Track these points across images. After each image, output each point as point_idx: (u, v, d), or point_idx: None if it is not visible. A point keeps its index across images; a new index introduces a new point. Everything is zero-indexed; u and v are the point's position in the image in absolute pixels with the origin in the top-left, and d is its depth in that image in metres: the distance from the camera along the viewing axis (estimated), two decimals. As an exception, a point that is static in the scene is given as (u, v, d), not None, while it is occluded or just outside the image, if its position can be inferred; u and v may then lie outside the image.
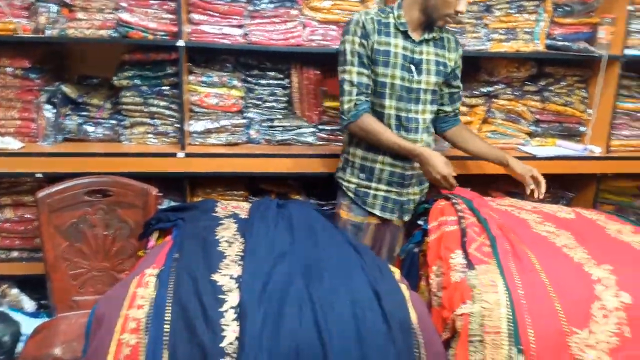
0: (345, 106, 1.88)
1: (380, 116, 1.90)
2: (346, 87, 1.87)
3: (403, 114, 1.90)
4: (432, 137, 2.04)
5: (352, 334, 1.24)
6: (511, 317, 1.32)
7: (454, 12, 1.79)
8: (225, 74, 2.38)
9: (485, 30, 2.45)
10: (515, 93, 2.57)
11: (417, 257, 1.80)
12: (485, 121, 2.61)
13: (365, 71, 1.86)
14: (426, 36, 1.89)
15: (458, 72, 2.02)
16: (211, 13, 2.27)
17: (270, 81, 2.45)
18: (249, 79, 2.44)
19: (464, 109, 2.56)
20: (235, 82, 2.37)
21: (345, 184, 2.02)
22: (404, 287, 1.42)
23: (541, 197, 1.89)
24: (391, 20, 1.87)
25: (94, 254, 2.01)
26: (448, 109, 2.06)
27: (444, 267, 1.56)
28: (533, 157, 2.49)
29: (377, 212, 1.99)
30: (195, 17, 2.26)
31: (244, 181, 2.52)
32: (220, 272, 1.36)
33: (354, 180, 2.00)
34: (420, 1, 1.82)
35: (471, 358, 1.32)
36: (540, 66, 2.59)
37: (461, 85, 2.06)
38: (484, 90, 2.56)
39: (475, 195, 1.95)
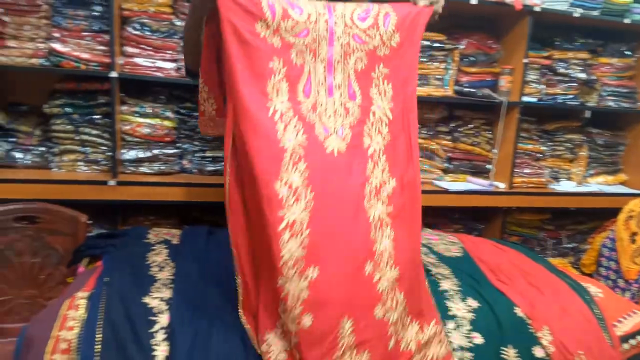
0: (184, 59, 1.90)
1: None
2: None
3: None
4: None
5: None
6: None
7: None
8: (158, 105, 2.45)
9: (403, 75, 2.69)
10: (429, 133, 2.83)
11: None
12: (404, 157, 2.83)
13: None
14: None
15: None
16: (144, 47, 2.35)
17: (203, 114, 2.55)
18: (182, 111, 2.53)
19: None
20: (169, 114, 2.45)
21: None
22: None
23: None
24: None
25: (21, 281, 1.99)
26: None
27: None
28: (446, 191, 2.72)
29: None
30: (129, 49, 2.33)
31: (176, 210, 2.57)
32: (151, 295, 1.43)
33: None
34: None
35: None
36: (451, 109, 2.87)
37: None
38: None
39: None
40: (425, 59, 2.69)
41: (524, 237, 3.14)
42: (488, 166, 2.91)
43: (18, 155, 2.34)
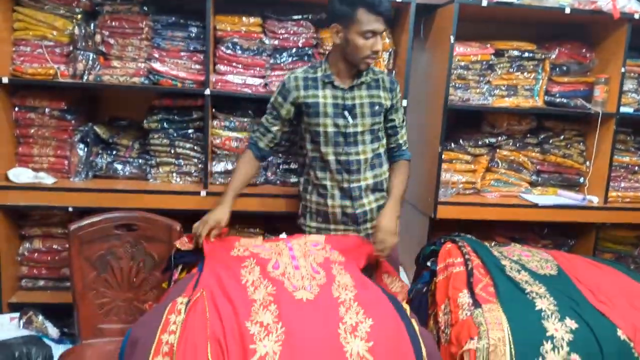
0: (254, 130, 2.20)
1: (322, 161, 2.05)
2: (262, 119, 2.15)
3: (343, 158, 2.03)
4: (381, 172, 2.11)
5: None
6: (514, 352, 1.42)
7: (371, 52, 1.92)
8: (246, 119, 2.55)
9: (488, 86, 2.63)
10: (517, 144, 2.74)
11: (425, 298, 1.90)
12: (489, 170, 2.77)
13: (270, 119, 2.11)
14: (355, 82, 2.01)
15: (394, 110, 2.11)
16: (235, 65, 2.46)
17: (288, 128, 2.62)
18: (268, 125, 2.61)
19: (467, 158, 2.72)
20: (255, 128, 2.54)
21: (307, 229, 2.17)
22: (414, 322, 1.53)
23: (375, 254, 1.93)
24: (319, 74, 2.03)
25: (119, 285, 2.12)
26: (388, 140, 2.15)
27: (451, 305, 1.68)
28: (535, 206, 2.62)
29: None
30: (221, 68, 2.45)
31: (260, 219, 2.65)
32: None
33: (314, 224, 2.15)
34: (339, 53, 1.98)
35: (477, 390, 1.42)
36: (540, 120, 2.76)
37: (400, 118, 2.14)
38: (487, 141, 2.72)
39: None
40: (513, 69, 2.62)
41: (618, 254, 2.96)
42: (581, 179, 2.77)
43: (119, 166, 2.52)
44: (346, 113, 2.01)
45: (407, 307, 1.64)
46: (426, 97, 2.72)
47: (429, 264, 1.98)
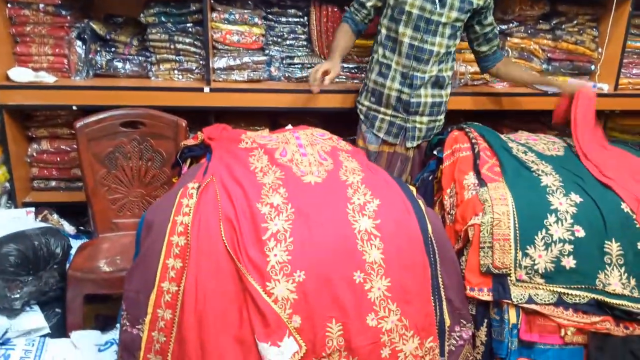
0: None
1: (395, 42, 2.02)
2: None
3: (417, 43, 1.99)
4: (447, 71, 2.11)
5: None
6: (518, 225, 1.46)
7: None
8: (246, 11, 2.45)
9: (501, -32, 2.49)
10: (528, 31, 2.64)
11: (431, 185, 1.93)
12: (498, 59, 2.69)
13: None
14: None
15: (489, 12, 2.07)
16: (234, -50, 2.33)
17: (290, 19, 2.53)
18: (270, 16, 2.52)
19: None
20: (256, 20, 2.45)
21: (360, 106, 2.20)
22: (420, 202, 1.56)
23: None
24: None
25: (130, 181, 2.16)
26: (484, 48, 2.16)
27: (457, 187, 1.70)
28: (545, 94, 2.57)
29: (382, 135, 2.14)
30: (219, -47, 2.32)
31: (265, 116, 2.64)
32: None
33: (366, 103, 2.17)
34: None
35: (482, 261, 1.48)
36: (553, 4, 2.64)
37: (494, 23, 2.12)
38: (498, 28, 2.62)
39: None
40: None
41: (627, 143, 2.94)
42: (592, 67, 2.70)
43: (119, 64, 2.47)
44: None
45: (413, 188, 1.67)
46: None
47: (435, 152, 1.99)
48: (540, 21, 2.65)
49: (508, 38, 2.64)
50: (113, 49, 2.47)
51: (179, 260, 1.34)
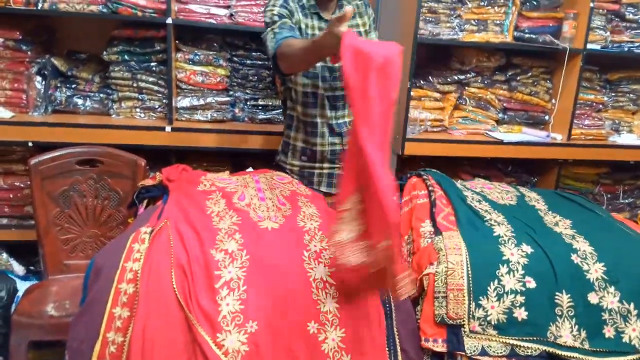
0: (269, 45, 1.80)
1: (314, 97, 1.96)
2: (269, 35, 1.80)
3: (331, 93, 1.97)
4: None
5: None
6: (471, 276, 1.48)
7: None
8: (211, 52, 2.48)
9: (459, 20, 2.60)
10: (485, 82, 2.74)
11: (390, 230, 1.94)
12: (457, 108, 2.78)
13: (287, 20, 1.82)
14: (337, 13, 1.89)
15: (372, 29, 2.05)
16: (199, -7, 2.36)
17: (255, 61, 2.56)
18: (235, 58, 2.54)
19: (436, 95, 2.72)
20: (221, 62, 2.47)
21: (288, 167, 2.08)
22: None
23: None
24: (304, 1, 1.91)
25: (84, 221, 2.11)
26: None
27: (414, 235, 1.72)
28: (500, 142, 2.66)
29: (323, 188, 2.06)
30: (184, -4, 2.35)
31: (227, 157, 2.63)
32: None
33: (297, 163, 2.06)
34: None
35: (436, 311, 1.48)
36: (509, 57, 2.76)
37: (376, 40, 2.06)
38: (456, 78, 2.72)
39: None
40: (484, 3, 2.58)
41: (580, 191, 3.05)
42: (546, 117, 2.81)
43: (79, 101, 2.44)
44: None
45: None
46: (396, 31, 2.68)
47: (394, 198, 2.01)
48: (497, 72, 2.76)
49: (466, 88, 2.74)
50: (74, 86, 2.44)
51: (126, 309, 1.29)
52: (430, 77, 2.71)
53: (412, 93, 2.59)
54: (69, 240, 2.09)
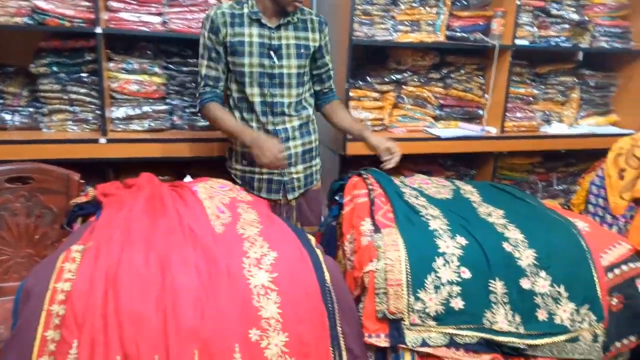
0: (197, 95, 2.03)
1: (248, 103, 1.99)
2: (198, 78, 2.00)
3: (268, 99, 1.98)
4: (306, 117, 2.09)
5: None
6: (409, 270, 1.51)
7: None
8: (146, 61, 2.42)
9: (392, 22, 2.65)
10: (421, 80, 2.81)
11: (334, 230, 1.96)
12: (395, 106, 2.83)
13: (212, 64, 1.96)
14: (282, 21, 1.94)
15: (324, 51, 2.08)
16: (129, 1, 2.31)
17: (192, 68, 2.52)
18: (171, 66, 2.50)
19: (375, 95, 2.77)
20: (157, 69, 2.43)
21: (233, 172, 2.12)
22: (319, 252, 1.58)
23: (389, 166, 1.99)
24: (245, 10, 1.93)
25: (17, 241, 2.01)
26: (317, 87, 2.15)
27: (355, 234, 1.74)
28: (438, 138, 2.73)
29: (264, 195, 2.07)
30: (113, 4, 2.29)
31: (169, 166, 2.58)
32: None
33: (239, 167, 2.09)
34: None
35: (377, 307, 1.50)
36: (442, 55, 2.84)
37: (329, 64, 2.11)
38: (393, 77, 2.77)
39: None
40: (416, 4, 2.64)
41: (515, 180, 3.18)
42: (480, 112, 2.91)
43: (7, 116, 2.34)
44: (272, 53, 1.94)
45: (312, 238, 1.68)
46: (332, 33, 2.69)
47: (337, 198, 2.03)
48: (432, 70, 2.83)
49: (403, 86, 2.80)
50: (1, 101, 2.34)
51: (59, 332, 1.25)
52: (368, 78, 2.76)
53: (351, 94, 2.63)
54: (2, 262, 2.00)
